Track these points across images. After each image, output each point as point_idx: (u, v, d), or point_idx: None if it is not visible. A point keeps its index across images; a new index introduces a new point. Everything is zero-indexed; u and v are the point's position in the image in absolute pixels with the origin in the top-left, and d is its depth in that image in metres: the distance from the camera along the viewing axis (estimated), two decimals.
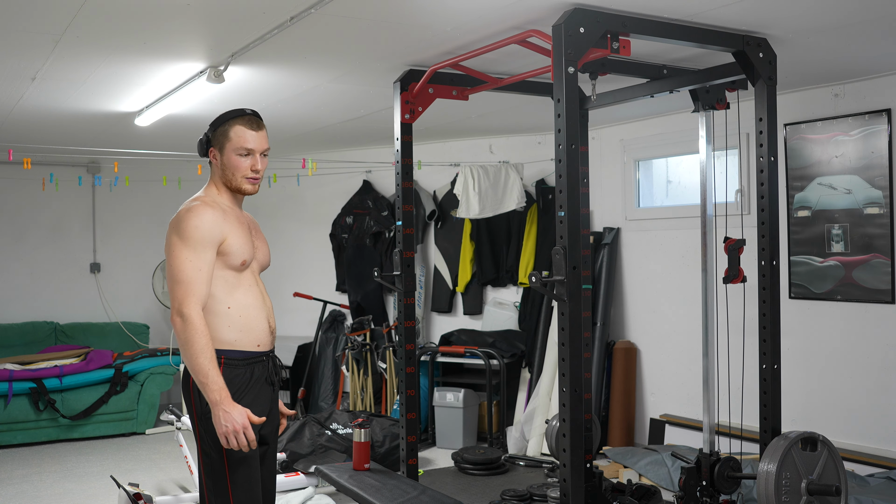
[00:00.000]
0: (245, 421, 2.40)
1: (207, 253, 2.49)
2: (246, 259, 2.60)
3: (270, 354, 2.67)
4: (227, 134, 2.61)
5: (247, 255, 2.60)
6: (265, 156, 2.66)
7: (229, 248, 2.55)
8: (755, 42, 3.37)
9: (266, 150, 2.66)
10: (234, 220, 2.61)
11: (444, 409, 5.79)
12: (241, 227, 2.62)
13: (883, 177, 4.24)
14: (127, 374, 6.39)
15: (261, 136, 2.63)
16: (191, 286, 2.45)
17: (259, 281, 2.70)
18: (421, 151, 6.01)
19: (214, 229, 2.51)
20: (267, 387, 2.63)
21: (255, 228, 2.77)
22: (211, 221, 2.51)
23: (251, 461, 2.54)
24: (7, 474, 5.31)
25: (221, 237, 2.53)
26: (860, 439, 4.40)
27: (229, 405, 2.39)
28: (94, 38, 3.35)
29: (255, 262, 2.69)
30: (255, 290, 2.64)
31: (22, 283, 7.07)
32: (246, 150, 2.61)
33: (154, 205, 7.56)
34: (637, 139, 5.60)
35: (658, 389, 5.50)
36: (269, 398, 2.65)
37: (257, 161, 2.63)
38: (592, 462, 3.98)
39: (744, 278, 3.61)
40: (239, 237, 2.59)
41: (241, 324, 2.55)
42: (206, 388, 2.39)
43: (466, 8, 3.00)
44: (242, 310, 2.57)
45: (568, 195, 2.89)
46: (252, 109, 2.67)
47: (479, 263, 6.37)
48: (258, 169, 2.63)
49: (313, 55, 3.69)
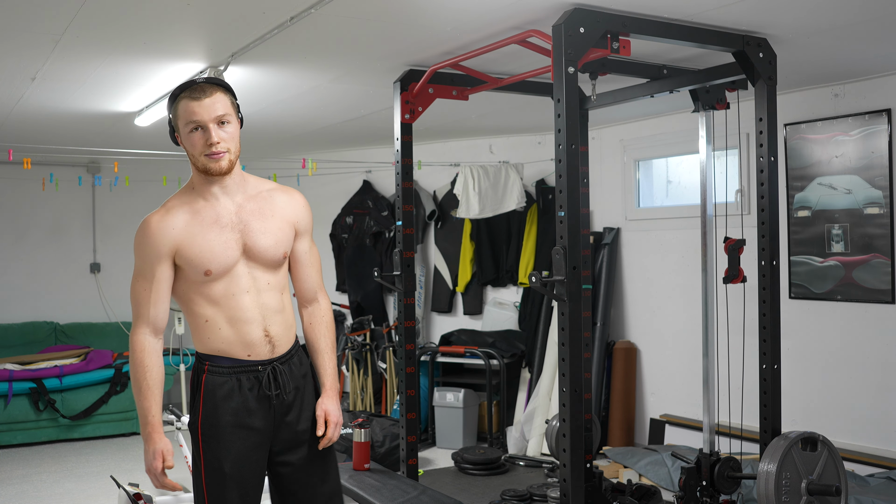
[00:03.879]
0: (156, 462, 2.24)
1: (155, 270, 2.26)
2: (211, 268, 2.26)
3: (272, 364, 2.34)
4: (177, 112, 2.27)
5: (212, 263, 2.26)
6: (224, 123, 2.25)
7: (184, 258, 2.26)
8: (755, 42, 3.37)
9: (221, 116, 2.24)
10: (203, 220, 2.29)
11: (444, 409, 5.79)
12: (210, 229, 2.28)
13: (883, 177, 4.24)
14: (127, 375, 6.38)
15: (209, 104, 2.22)
16: (137, 309, 2.28)
17: (259, 277, 2.33)
18: (421, 151, 6.01)
19: (160, 242, 2.26)
20: (260, 399, 2.32)
21: (262, 214, 2.34)
22: (155, 234, 2.26)
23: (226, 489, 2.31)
24: (7, 474, 5.31)
25: (171, 248, 2.26)
26: (860, 439, 4.40)
27: (148, 443, 2.25)
28: (94, 38, 3.35)
29: (243, 265, 2.32)
30: (241, 299, 2.30)
31: (22, 283, 7.07)
32: (194, 123, 2.23)
33: (154, 205, 7.43)
34: (637, 139, 5.60)
35: (658, 389, 5.50)
36: (264, 411, 2.33)
37: (211, 133, 2.23)
38: (592, 462, 3.98)
39: (744, 278, 3.61)
40: (200, 243, 2.26)
41: (223, 335, 2.31)
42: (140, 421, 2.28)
43: (466, 8, 2.99)
44: (223, 322, 2.30)
45: (568, 195, 2.89)
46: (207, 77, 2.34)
47: (479, 263, 6.37)
48: (214, 141, 2.23)
49: (313, 55, 3.69)
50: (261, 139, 6.26)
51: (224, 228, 2.30)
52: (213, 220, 2.30)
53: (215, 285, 2.30)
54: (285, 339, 2.39)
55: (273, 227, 2.35)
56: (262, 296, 2.34)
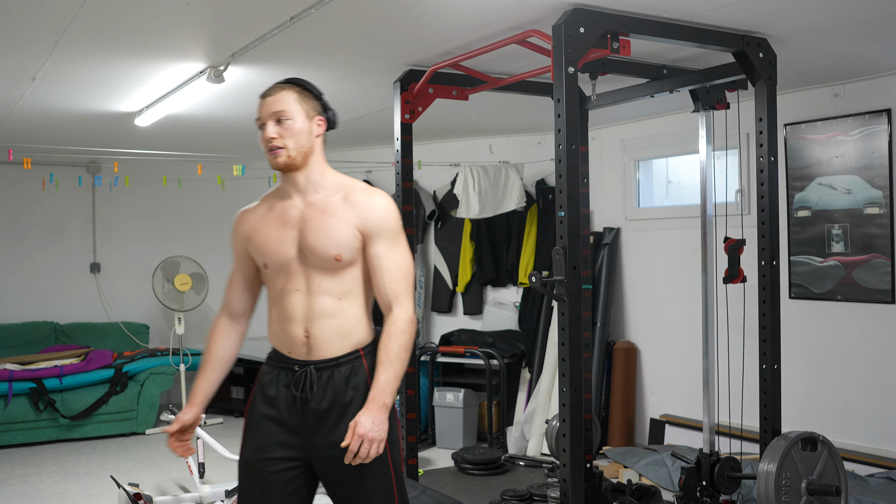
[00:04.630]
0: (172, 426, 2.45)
1: (236, 258, 2.42)
2: (267, 263, 2.31)
3: (308, 366, 2.27)
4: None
5: (267, 257, 2.31)
6: (281, 120, 2.26)
7: (251, 251, 2.37)
8: (755, 42, 3.37)
9: (278, 112, 2.26)
10: (271, 216, 2.34)
11: (444, 409, 5.79)
12: (274, 224, 2.32)
13: (883, 177, 4.24)
14: (127, 374, 6.39)
15: (271, 102, 2.28)
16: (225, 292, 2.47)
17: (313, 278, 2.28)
18: (421, 151, 6.00)
19: (237, 233, 2.41)
20: (292, 398, 2.27)
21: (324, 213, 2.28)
22: (235, 226, 2.42)
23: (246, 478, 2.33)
24: (7, 474, 5.31)
25: (243, 240, 2.38)
26: (860, 439, 4.40)
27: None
28: (94, 38, 3.35)
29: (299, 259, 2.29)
30: (291, 297, 2.30)
31: (22, 283, 7.07)
32: (259, 120, 2.31)
33: (154, 205, 7.56)
34: (637, 139, 5.60)
35: (658, 389, 5.50)
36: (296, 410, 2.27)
37: (267, 129, 2.27)
38: (592, 462, 3.98)
39: (744, 278, 3.61)
40: (264, 237, 2.32)
41: (275, 330, 2.34)
42: None
43: (466, 8, 3.00)
44: (276, 317, 2.34)
45: (568, 195, 2.89)
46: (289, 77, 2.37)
47: (479, 263, 6.37)
48: (266, 137, 2.27)
49: (313, 55, 3.69)
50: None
51: (286, 225, 2.31)
52: (279, 217, 2.33)
53: (275, 281, 2.34)
54: (330, 346, 2.28)
55: (330, 226, 2.27)
56: (312, 297, 2.28)
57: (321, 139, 2.35)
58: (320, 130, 2.33)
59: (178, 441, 2.46)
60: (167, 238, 7.59)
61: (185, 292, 6.78)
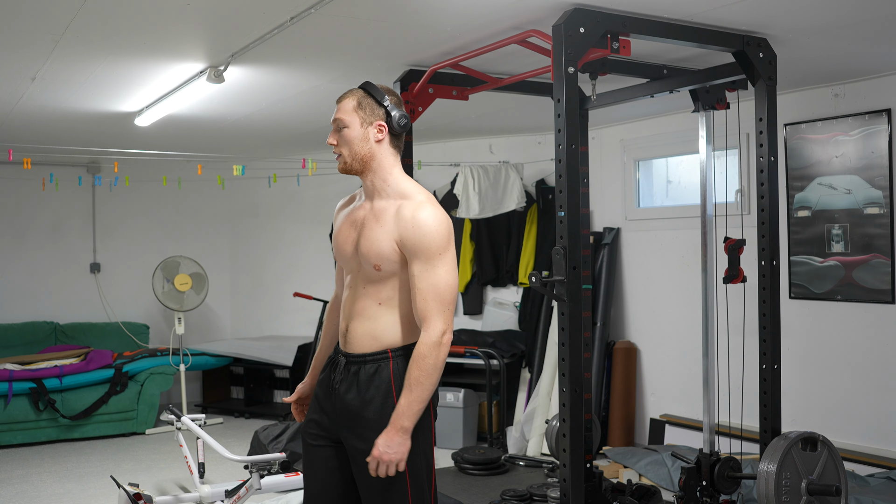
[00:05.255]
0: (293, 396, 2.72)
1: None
2: (336, 257, 2.51)
3: (343, 356, 2.43)
4: None
5: (336, 252, 2.49)
6: (342, 128, 2.37)
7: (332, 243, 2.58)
8: (755, 42, 3.37)
9: (337, 120, 2.38)
10: (348, 214, 2.48)
11: (444, 409, 5.79)
12: (347, 222, 2.46)
13: (883, 177, 4.24)
14: (127, 374, 6.39)
15: (339, 108, 2.39)
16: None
17: (360, 280, 2.40)
18: (421, 151, 6.00)
19: (334, 222, 2.56)
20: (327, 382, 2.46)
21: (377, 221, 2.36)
22: (335, 214, 2.58)
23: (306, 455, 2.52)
24: (7, 474, 5.31)
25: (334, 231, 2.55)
26: (860, 439, 4.40)
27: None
28: (94, 38, 3.35)
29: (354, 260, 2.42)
30: (348, 292, 2.45)
31: (22, 283, 7.07)
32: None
33: (154, 205, 7.56)
34: (637, 139, 5.60)
35: (658, 389, 5.50)
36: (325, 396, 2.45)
37: (330, 135, 2.41)
38: (592, 462, 3.98)
39: (744, 278, 3.61)
40: (337, 233, 2.49)
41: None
42: None
43: (466, 8, 3.00)
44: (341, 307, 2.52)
45: (568, 195, 2.89)
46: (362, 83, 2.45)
47: (479, 263, 6.37)
48: (330, 143, 2.40)
49: (313, 55, 3.69)
50: (261, 139, 6.26)
51: (352, 226, 2.44)
52: (352, 216, 2.47)
53: (346, 275, 2.51)
54: (361, 343, 2.39)
55: (376, 235, 2.34)
56: (357, 297, 2.41)
57: (385, 144, 2.40)
58: (381, 136, 2.38)
59: (298, 407, 2.73)
60: (167, 238, 7.59)
61: (185, 292, 6.77)
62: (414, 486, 2.34)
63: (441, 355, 2.31)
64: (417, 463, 2.34)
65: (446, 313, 2.31)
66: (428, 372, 2.29)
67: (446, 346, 2.32)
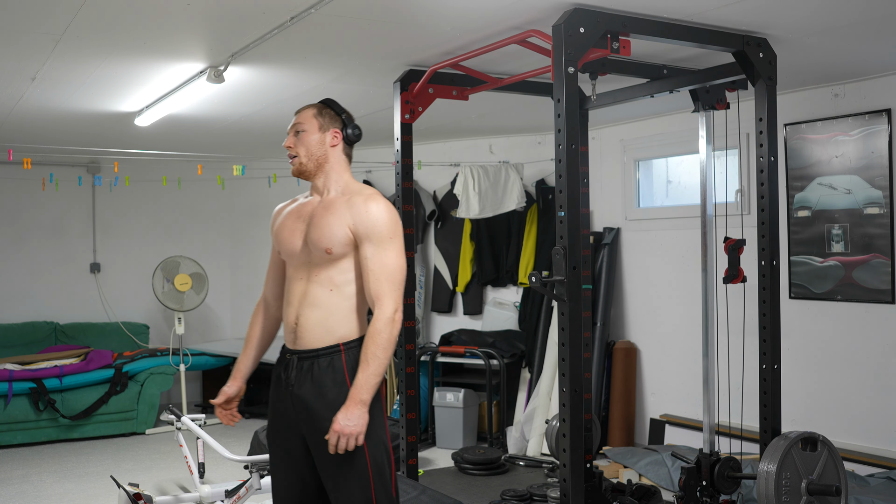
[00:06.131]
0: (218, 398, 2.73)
1: (272, 247, 2.70)
2: (280, 250, 2.61)
3: (293, 353, 2.51)
4: None
5: (280, 245, 2.61)
6: (300, 131, 2.58)
7: (274, 239, 2.66)
8: (755, 42, 3.37)
9: (295, 125, 2.60)
10: (292, 211, 2.62)
11: (444, 409, 5.79)
12: (290, 218, 2.60)
13: (883, 177, 4.24)
14: (127, 374, 6.39)
15: (298, 116, 2.62)
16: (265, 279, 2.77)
17: (311, 269, 2.51)
18: (421, 151, 6.00)
19: (272, 223, 2.68)
20: (279, 386, 2.54)
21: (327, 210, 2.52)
22: (272, 217, 2.70)
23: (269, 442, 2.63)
24: (7, 474, 5.31)
25: (273, 230, 2.66)
26: (860, 439, 4.40)
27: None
28: (94, 38, 3.35)
29: (303, 251, 2.53)
30: (294, 285, 2.54)
31: (22, 283, 7.07)
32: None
33: (154, 205, 7.56)
34: (637, 139, 5.60)
35: (658, 389, 5.50)
36: (279, 398, 2.53)
37: (287, 139, 2.61)
38: (592, 462, 3.98)
39: (744, 278, 3.61)
40: (281, 227, 2.60)
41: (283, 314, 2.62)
42: None
43: (466, 8, 3.00)
44: (284, 301, 2.61)
45: (568, 195, 2.89)
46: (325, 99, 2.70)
47: (479, 263, 6.37)
48: (286, 146, 2.60)
49: (313, 55, 3.69)
50: (261, 139, 6.27)
51: (299, 219, 2.58)
52: (297, 211, 2.61)
53: (288, 269, 2.61)
54: (314, 336, 2.48)
55: (327, 222, 2.49)
56: (309, 286, 2.51)
57: (338, 150, 2.62)
58: (336, 142, 2.61)
59: (224, 411, 2.74)
60: (167, 238, 7.59)
61: (185, 292, 6.77)
62: (374, 465, 2.44)
63: (394, 331, 2.42)
64: (374, 441, 2.45)
65: (397, 293, 2.44)
66: (383, 346, 2.39)
67: (398, 324, 2.43)
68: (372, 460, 2.44)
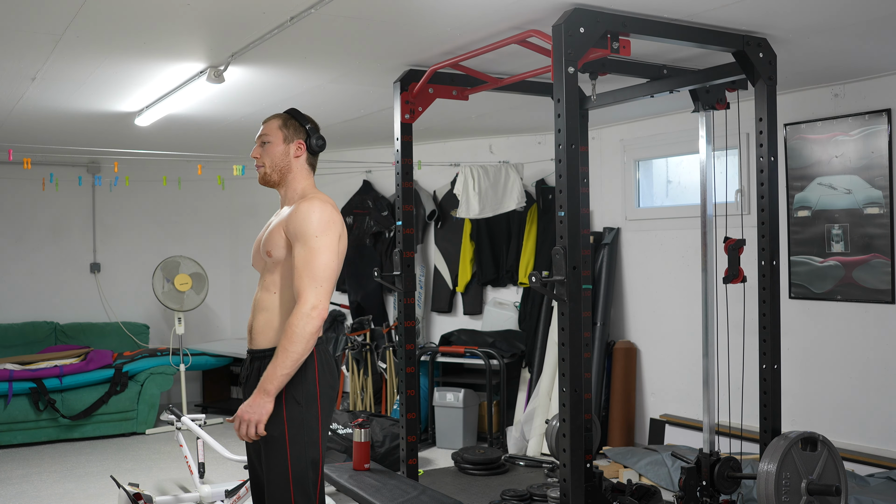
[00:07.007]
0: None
1: None
2: (251, 258, 2.79)
3: (249, 354, 2.67)
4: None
5: (251, 254, 2.78)
6: (266, 142, 2.70)
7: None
8: (755, 42, 3.37)
9: (262, 136, 2.71)
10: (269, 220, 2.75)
11: (444, 409, 5.79)
12: (261, 228, 2.77)
13: (883, 177, 4.24)
14: (127, 374, 6.39)
15: (265, 126, 2.73)
16: None
17: (266, 278, 2.65)
18: (421, 151, 6.01)
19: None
20: (242, 380, 2.72)
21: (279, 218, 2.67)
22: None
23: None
24: (7, 474, 5.31)
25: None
26: (860, 439, 4.40)
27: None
28: (94, 38, 3.35)
29: (258, 262, 2.72)
30: (257, 291, 2.68)
31: (22, 283, 7.07)
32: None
33: (154, 205, 7.56)
34: (637, 139, 5.60)
35: (658, 389, 5.50)
36: (243, 393, 2.69)
37: (254, 149, 2.73)
38: (592, 462, 3.98)
39: (744, 278, 3.61)
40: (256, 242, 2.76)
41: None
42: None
43: (466, 8, 3.00)
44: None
45: (568, 195, 2.89)
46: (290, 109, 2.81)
47: (479, 263, 6.37)
48: (253, 156, 2.72)
49: (313, 55, 3.69)
50: None
51: (264, 229, 2.72)
52: (267, 222, 2.75)
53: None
54: (262, 338, 2.61)
55: (273, 228, 2.64)
56: (261, 291, 2.66)
57: (302, 160, 2.72)
58: (300, 153, 2.71)
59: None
60: (167, 238, 7.59)
61: (185, 292, 6.77)
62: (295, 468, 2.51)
63: (308, 326, 2.44)
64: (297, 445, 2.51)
65: (319, 290, 2.48)
66: (293, 340, 2.43)
67: (315, 320, 2.45)
68: (294, 462, 2.52)
